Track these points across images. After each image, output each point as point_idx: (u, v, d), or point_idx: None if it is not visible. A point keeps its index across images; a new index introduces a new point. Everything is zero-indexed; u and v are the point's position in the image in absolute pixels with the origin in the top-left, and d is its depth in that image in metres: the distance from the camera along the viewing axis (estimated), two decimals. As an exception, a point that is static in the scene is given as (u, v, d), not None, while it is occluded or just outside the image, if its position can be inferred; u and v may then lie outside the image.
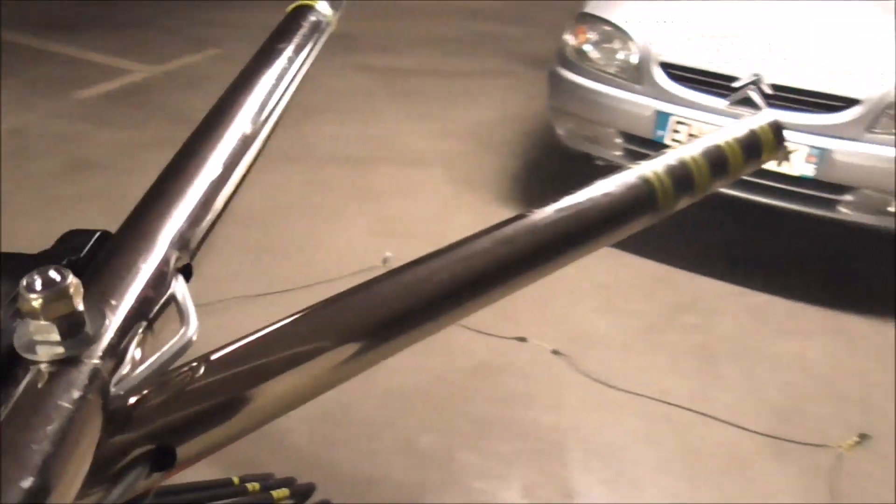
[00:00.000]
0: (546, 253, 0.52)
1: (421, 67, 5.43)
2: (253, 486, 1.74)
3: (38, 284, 0.35)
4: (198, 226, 0.50)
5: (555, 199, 0.52)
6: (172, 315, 0.44)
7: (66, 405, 0.34)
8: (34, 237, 0.56)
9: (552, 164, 4.00)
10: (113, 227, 0.48)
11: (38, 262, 0.39)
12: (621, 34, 3.12)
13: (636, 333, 2.76)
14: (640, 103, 3.08)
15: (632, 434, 2.30)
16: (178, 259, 0.46)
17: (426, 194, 3.62)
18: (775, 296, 3.00)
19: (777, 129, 0.66)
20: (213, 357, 0.42)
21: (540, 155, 4.09)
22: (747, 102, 2.88)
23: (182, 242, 0.47)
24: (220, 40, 5.49)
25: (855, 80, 2.78)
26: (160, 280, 0.44)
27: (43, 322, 0.35)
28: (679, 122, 3.00)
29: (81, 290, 0.36)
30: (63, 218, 3.06)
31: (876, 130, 2.74)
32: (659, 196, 0.54)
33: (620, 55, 3.13)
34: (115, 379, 0.37)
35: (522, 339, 2.67)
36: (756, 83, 2.85)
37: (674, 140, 3.03)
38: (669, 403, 2.41)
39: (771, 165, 2.79)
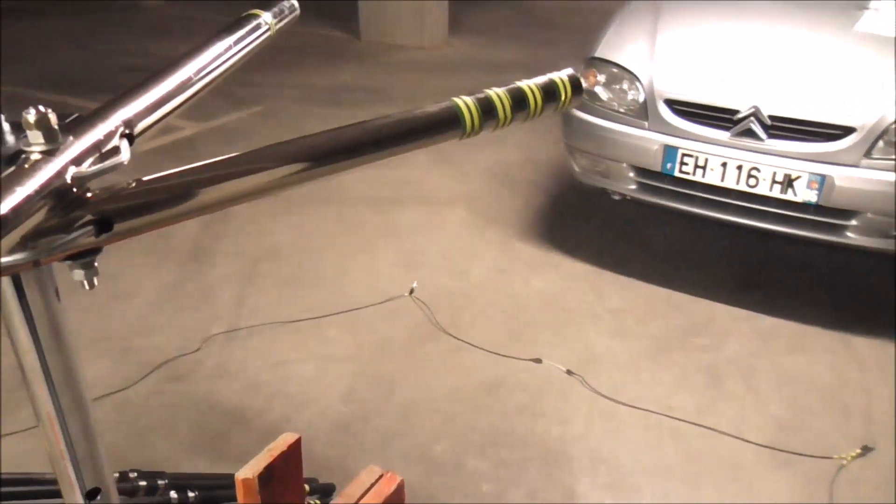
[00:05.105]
0: (375, 147, 0.75)
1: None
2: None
3: (33, 112, 0.60)
4: (141, 113, 0.80)
5: (385, 115, 0.74)
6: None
7: (38, 177, 0.57)
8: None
9: (572, 199, 4.17)
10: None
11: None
12: (628, 75, 3.31)
13: (647, 354, 2.87)
14: (648, 138, 3.24)
15: (636, 445, 2.40)
16: (124, 126, 0.74)
17: (451, 231, 3.82)
18: (784, 319, 3.08)
19: (574, 80, 0.85)
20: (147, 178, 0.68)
21: (560, 192, 4.27)
22: (749, 133, 3.02)
23: (126, 122, 0.75)
24: (261, 99, 5.87)
25: (850, 108, 2.91)
26: (110, 135, 0.71)
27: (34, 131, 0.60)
28: (686, 155, 3.15)
29: (55, 118, 0.61)
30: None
31: (874, 156, 2.85)
32: (465, 119, 0.75)
33: (628, 94, 3.31)
34: (74, 171, 0.61)
35: (538, 361, 2.80)
36: (755, 115, 3.00)
37: (682, 172, 3.18)
38: (673, 417, 2.51)
39: (776, 193, 2.96)
